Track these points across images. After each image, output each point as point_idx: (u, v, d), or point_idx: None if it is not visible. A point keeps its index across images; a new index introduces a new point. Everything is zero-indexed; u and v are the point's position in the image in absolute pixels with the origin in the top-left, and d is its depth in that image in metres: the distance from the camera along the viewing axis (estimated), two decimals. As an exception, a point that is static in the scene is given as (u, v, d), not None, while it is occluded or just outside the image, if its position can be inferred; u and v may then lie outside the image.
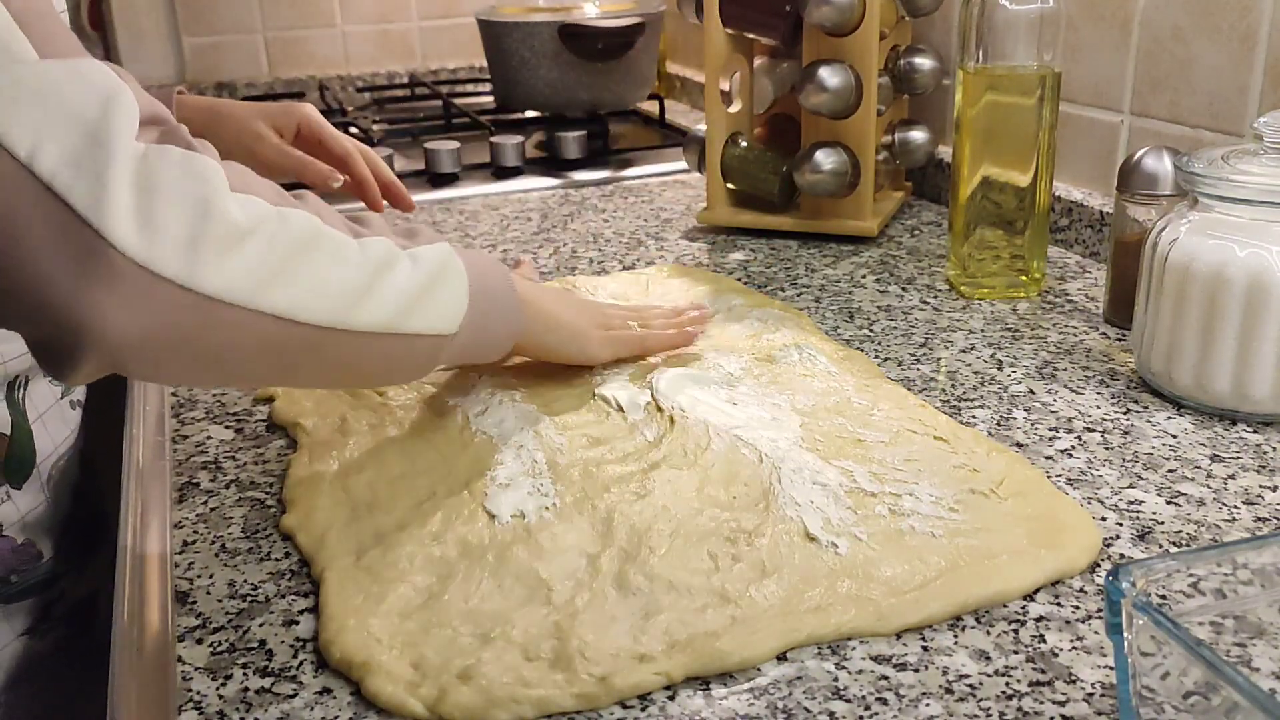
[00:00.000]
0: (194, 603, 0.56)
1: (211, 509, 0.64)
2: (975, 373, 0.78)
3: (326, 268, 0.53)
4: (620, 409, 0.71)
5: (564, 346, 0.74)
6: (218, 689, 0.50)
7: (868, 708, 0.47)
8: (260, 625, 0.54)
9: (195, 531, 0.62)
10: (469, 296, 0.61)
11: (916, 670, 0.49)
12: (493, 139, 1.37)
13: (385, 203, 0.96)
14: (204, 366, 0.51)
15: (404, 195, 0.97)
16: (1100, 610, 0.53)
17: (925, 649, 0.51)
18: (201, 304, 0.47)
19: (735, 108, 1.12)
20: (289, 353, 0.53)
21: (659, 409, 0.70)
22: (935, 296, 0.93)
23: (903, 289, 0.95)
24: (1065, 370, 0.78)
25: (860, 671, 0.49)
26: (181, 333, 0.48)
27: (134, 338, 0.46)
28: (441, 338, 0.60)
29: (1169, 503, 0.61)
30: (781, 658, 0.50)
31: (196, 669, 0.51)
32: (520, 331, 0.68)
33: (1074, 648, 0.50)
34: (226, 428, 0.74)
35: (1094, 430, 0.70)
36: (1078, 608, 0.53)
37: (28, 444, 0.76)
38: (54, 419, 0.80)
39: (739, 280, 0.98)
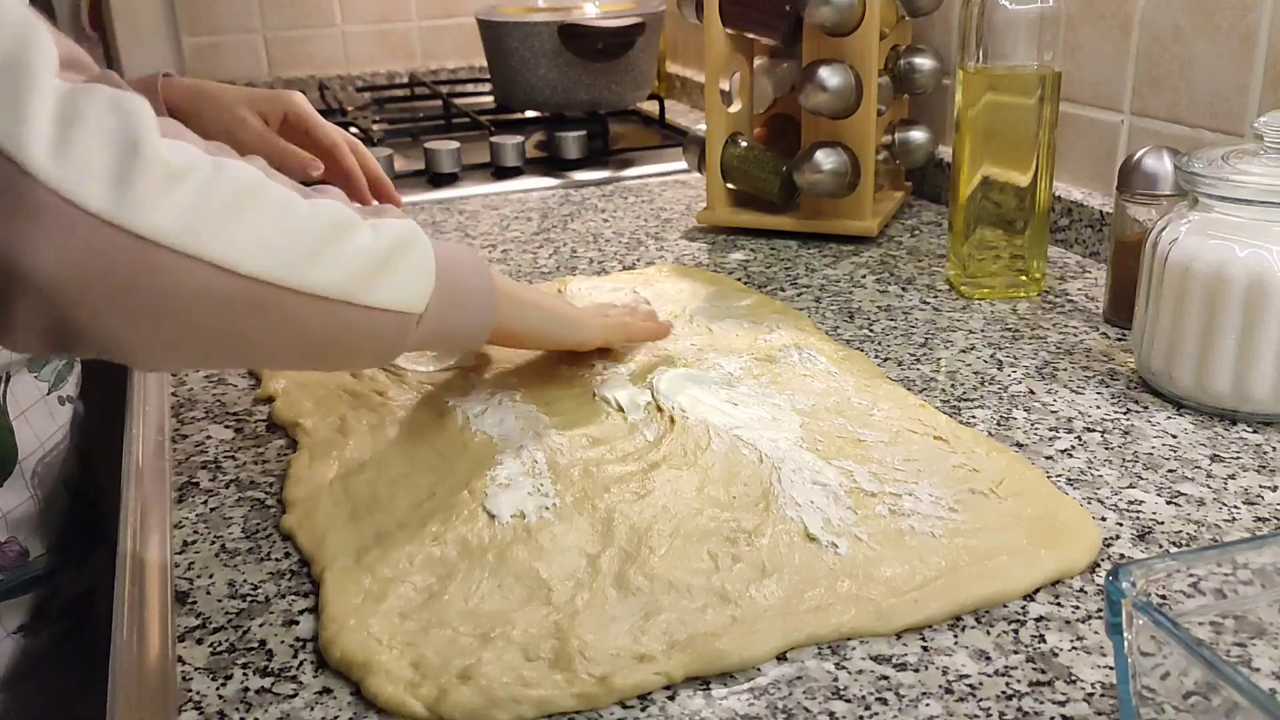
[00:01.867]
0: (194, 603, 0.56)
1: (211, 509, 0.64)
2: (975, 373, 0.78)
3: (270, 219, 0.51)
4: (620, 409, 0.71)
5: (554, 331, 0.73)
6: (218, 689, 0.50)
7: (868, 708, 0.47)
8: (260, 625, 0.54)
9: (195, 531, 0.62)
10: (436, 274, 0.59)
11: (916, 670, 0.49)
12: (493, 139, 1.37)
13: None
14: (149, 318, 0.48)
15: (392, 193, 0.94)
16: (1100, 610, 0.53)
17: (925, 649, 0.51)
18: (133, 244, 0.46)
19: (735, 108, 1.12)
20: (235, 308, 0.50)
21: (659, 409, 0.70)
22: (935, 296, 0.93)
23: (903, 289, 0.95)
24: (1065, 370, 0.78)
25: (860, 671, 0.49)
26: (115, 275, 0.46)
27: (64, 276, 0.44)
28: (406, 316, 0.57)
29: (1169, 503, 0.61)
30: (781, 658, 0.50)
31: (196, 669, 0.51)
32: (496, 319, 0.66)
33: (1074, 648, 0.50)
34: (226, 428, 0.74)
35: (1094, 430, 0.70)
36: (1078, 608, 0.53)
37: (8, 440, 0.75)
38: (39, 415, 0.79)
39: (739, 280, 0.98)
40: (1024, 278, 0.91)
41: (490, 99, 1.66)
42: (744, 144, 1.11)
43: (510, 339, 0.72)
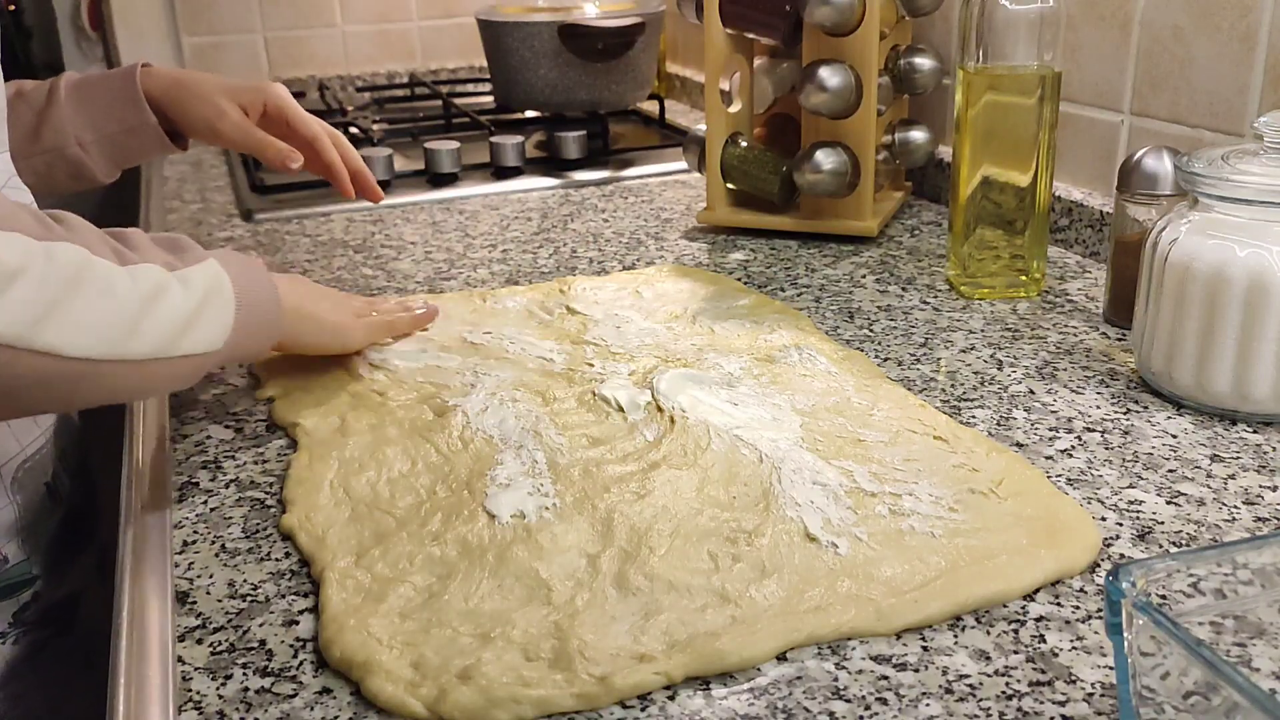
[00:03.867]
0: (194, 603, 0.56)
1: (211, 509, 0.64)
2: (975, 373, 0.78)
3: (97, 302, 0.54)
4: (620, 409, 0.71)
5: (326, 342, 0.77)
6: (218, 689, 0.50)
7: (868, 708, 0.47)
8: (260, 625, 0.54)
9: (195, 531, 0.62)
10: (235, 314, 0.63)
11: (916, 670, 0.49)
12: (493, 139, 1.37)
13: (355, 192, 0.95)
14: None
15: (372, 185, 0.96)
16: (1100, 610, 0.53)
17: (925, 649, 0.51)
18: None
19: (735, 108, 1.12)
20: (63, 385, 0.54)
21: (659, 409, 0.70)
22: (935, 296, 0.93)
23: (903, 289, 0.95)
24: (1065, 370, 0.78)
25: (860, 671, 0.49)
26: None
27: None
28: (206, 356, 0.62)
29: (1169, 503, 0.61)
30: (781, 658, 0.50)
31: (196, 669, 0.51)
32: (280, 335, 0.71)
33: (1074, 648, 0.50)
34: (226, 428, 0.74)
35: (1094, 430, 0.70)
36: (1078, 608, 0.53)
37: None
38: (20, 420, 0.77)
39: (739, 280, 0.98)
40: (1024, 278, 0.91)
41: (490, 99, 1.66)
42: (744, 144, 1.11)
43: (284, 349, 0.76)
